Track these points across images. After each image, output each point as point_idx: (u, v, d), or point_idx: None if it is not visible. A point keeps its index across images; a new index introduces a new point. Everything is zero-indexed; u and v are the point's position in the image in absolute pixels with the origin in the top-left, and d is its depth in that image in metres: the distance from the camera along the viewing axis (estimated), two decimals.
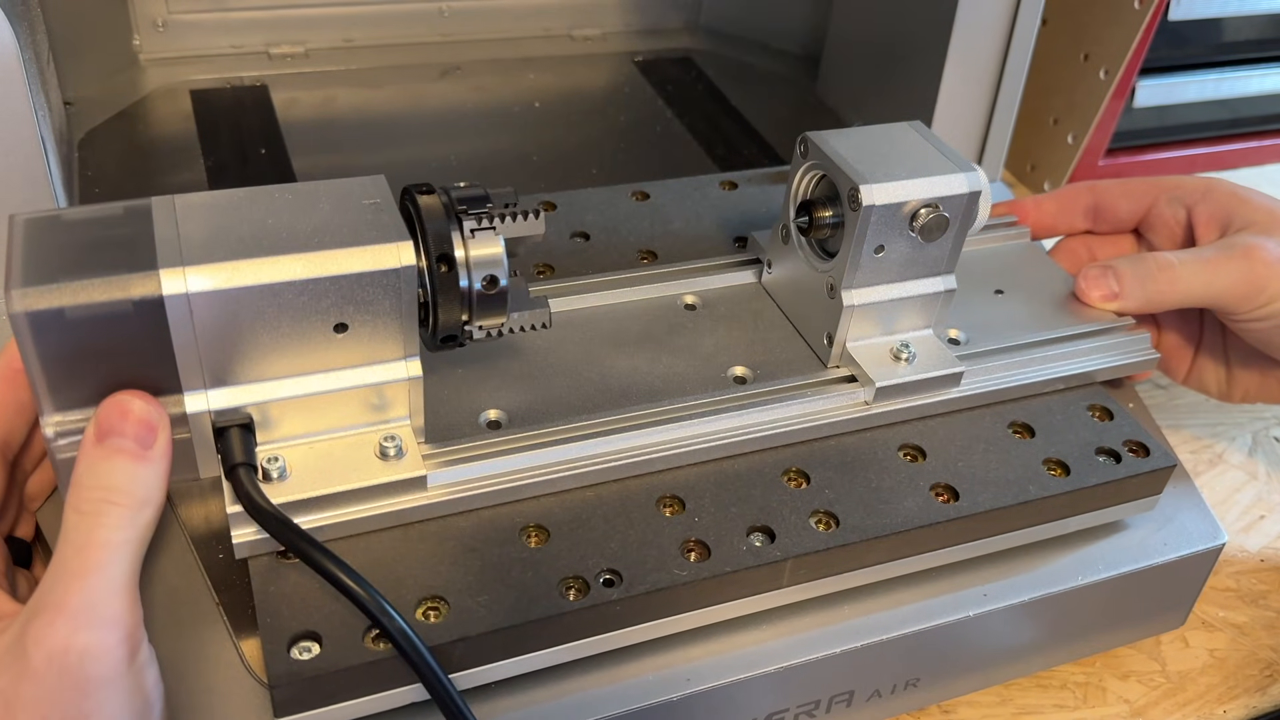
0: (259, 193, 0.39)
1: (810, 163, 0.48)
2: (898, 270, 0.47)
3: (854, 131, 0.48)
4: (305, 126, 0.73)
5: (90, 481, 0.34)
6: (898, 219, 0.45)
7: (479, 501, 0.41)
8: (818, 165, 0.47)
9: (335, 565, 0.35)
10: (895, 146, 0.47)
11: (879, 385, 0.46)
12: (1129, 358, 0.51)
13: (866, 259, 0.46)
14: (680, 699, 0.41)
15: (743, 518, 0.43)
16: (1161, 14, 0.84)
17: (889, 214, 0.45)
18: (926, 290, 0.48)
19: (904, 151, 0.46)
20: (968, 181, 0.45)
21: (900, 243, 0.46)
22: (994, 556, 0.47)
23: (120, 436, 0.35)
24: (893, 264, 0.46)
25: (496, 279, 0.40)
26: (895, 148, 0.47)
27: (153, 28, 0.76)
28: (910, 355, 0.47)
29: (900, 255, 0.46)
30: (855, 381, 0.47)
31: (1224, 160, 0.99)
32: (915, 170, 0.45)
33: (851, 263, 0.46)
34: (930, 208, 0.45)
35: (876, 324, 0.48)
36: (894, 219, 0.45)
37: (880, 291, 0.47)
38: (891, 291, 0.47)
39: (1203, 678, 0.54)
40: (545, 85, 0.81)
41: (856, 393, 0.47)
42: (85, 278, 0.34)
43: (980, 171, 0.46)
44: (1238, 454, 0.67)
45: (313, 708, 0.37)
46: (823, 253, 0.49)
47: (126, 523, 0.34)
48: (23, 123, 0.49)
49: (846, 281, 0.46)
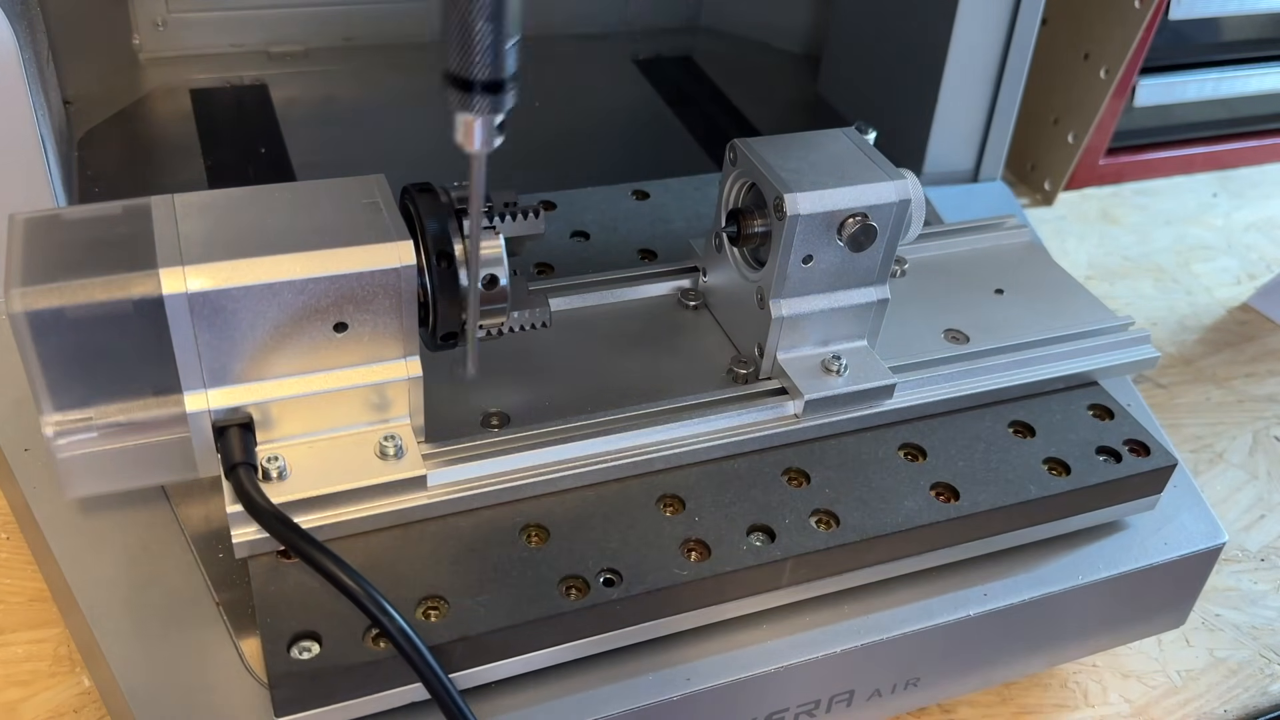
0: (258, 192, 0.39)
1: (739, 170, 0.47)
2: (828, 280, 0.46)
3: (784, 139, 0.47)
4: (305, 126, 0.73)
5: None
6: (825, 228, 0.44)
7: (479, 501, 0.41)
8: (746, 173, 0.47)
9: (335, 565, 0.35)
10: (825, 155, 0.46)
11: (808, 398, 0.46)
12: (1129, 357, 0.51)
13: (795, 269, 0.45)
14: (680, 699, 0.41)
15: (743, 517, 0.42)
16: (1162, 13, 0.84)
17: (816, 223, 0.44)
18: (858, 301, 0.47)
19: (833, 160, 0.46)
20: (896, 190, 0.45)
21: (829, 252, 0.45)
22: (994, 556, 0.47)
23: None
24: (822, 274, 0.46)
25: (496, 278, 0.40)
26: (825, 156, 0.46)
27: (152, 27, 0.76)
28: (842, 367, 0.47)
29: (830, 265, 0.46)
30: (785, 394, 0.46)
31: (1224, 160, 0.99)
32: (843, 179, 0.44)
33: (779, 273, 0.45)
34: (858, 217, 0.44)
35: (807, 335, 0.47)
36: (821, 228, 0.44)
37: (810, 302, 0.46)
38: (821, 302, 0.46)
39: (1203, 677, 0.54)
40: (545, 85, 0.81)
41: (787, 405, 0.46)
42: (85, 277, 0.34)
43: (911, 180, 0.45)
44: (1238, 454, 0.67)
45: (312, 707, 0.37)
46: (754, 262, 0.48)
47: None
48: (23, 122, 0.49)
49: (775, 292, 0.45)
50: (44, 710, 0.47)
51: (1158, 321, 0.80)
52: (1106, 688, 0.53)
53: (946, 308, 0.53)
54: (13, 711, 0.47)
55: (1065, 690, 0.53)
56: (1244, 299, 0.83)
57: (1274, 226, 0.92)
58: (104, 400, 0.37)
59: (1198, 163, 0.98)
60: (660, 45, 0.88)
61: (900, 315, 0.48)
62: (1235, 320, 0.81)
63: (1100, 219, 0.91)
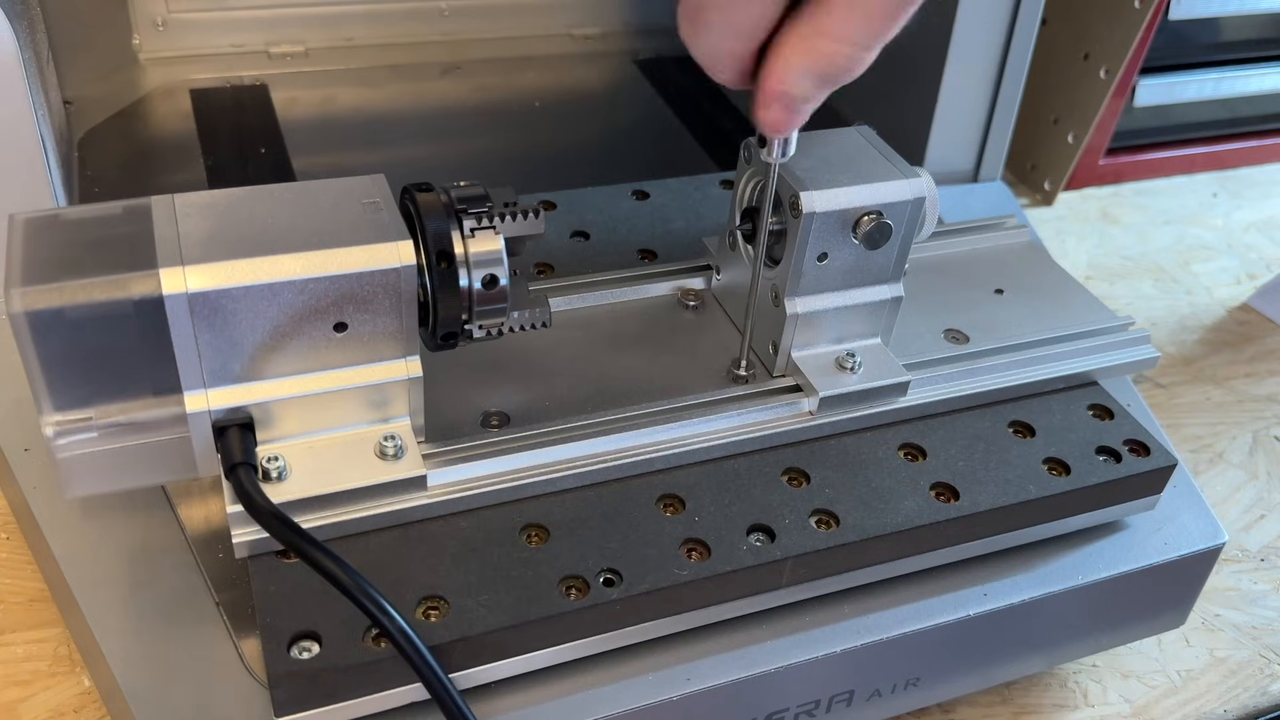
0: (259, 192, 0.39)
1: (753, 169, 0.47)
2: (842, 278, 0.46)
3: (799, 137, 0.47)
4: (305, 126, 0.73)
5: None
6: (840, 226, 0.44)
7: (479, 501, 0.41)
8: (761, 171, 0.47)
9: (335, 565, 0.35)
10: (839, 152, 0.46)
11: (823, 395, 0.46)
12: (1129, 358, 0.51)
13: (809, 267, 0.45)
14: (680, 699, 0.41)
15: (743, 517, 0.42)
16: (1162, 13, 0.84)
17: (831, 221, 0.44)
18: (872, 299, 0.47)
19: (848, 158, 0.46)
20: (911, 188, 0.45)
21: (844, 250, 0.45)
22: (994, 556, 0.47)
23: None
24: (837, 272, 0.46)
25: (496, 278, 0.40)
26: (839, 154, 0.46)
27: (152, 27, 0.76)
28: (856, 365, 0.47)
29: (844, 263, 0.46)
30: (800, 391, 0.47)
31: (1224, 160, 0.99)
32: (858, 177, 0.44)
33: (794, 271, 0.45)
34: (873, 215, 0.44)
35: (822, 333, 0.47)
36: (836, 226, 0.44)
37: (825, 300, 0.46)
38: (836, 300, 0.46)
39: (1203, 677, 0.54)
40: (545, 85, 0.81)
41: (801, 403, 0.46)
42: (85, 277, 0.34)
43: (926, 178, 0.45)
44: (1238, 454, 0.67)
45: (312, 707, 0.37)
46: (768, 260, 0.48)
47: None
48: (23, 122, 0.49)
49: (790, 290, 0.46)
50: (44, 710, 0.47)
51: (1158, 321, 0.80)
52: (1106, 688, 0.53)
53: (946, 308, 0.53)
54: (13, 711, 0.47)
55: (1065, 690, 0.53)
56: (1244, 299, 0.83)
57: (1274, 226, 0.92)
58: (104, 400, 0.37)
59: (1198, 163, 0.98)
60: (660, 45, 0.88)
61: (900, 315, 0.48)
62: (1235, 320, 0.81)
63: (1100, 219, 0.91)
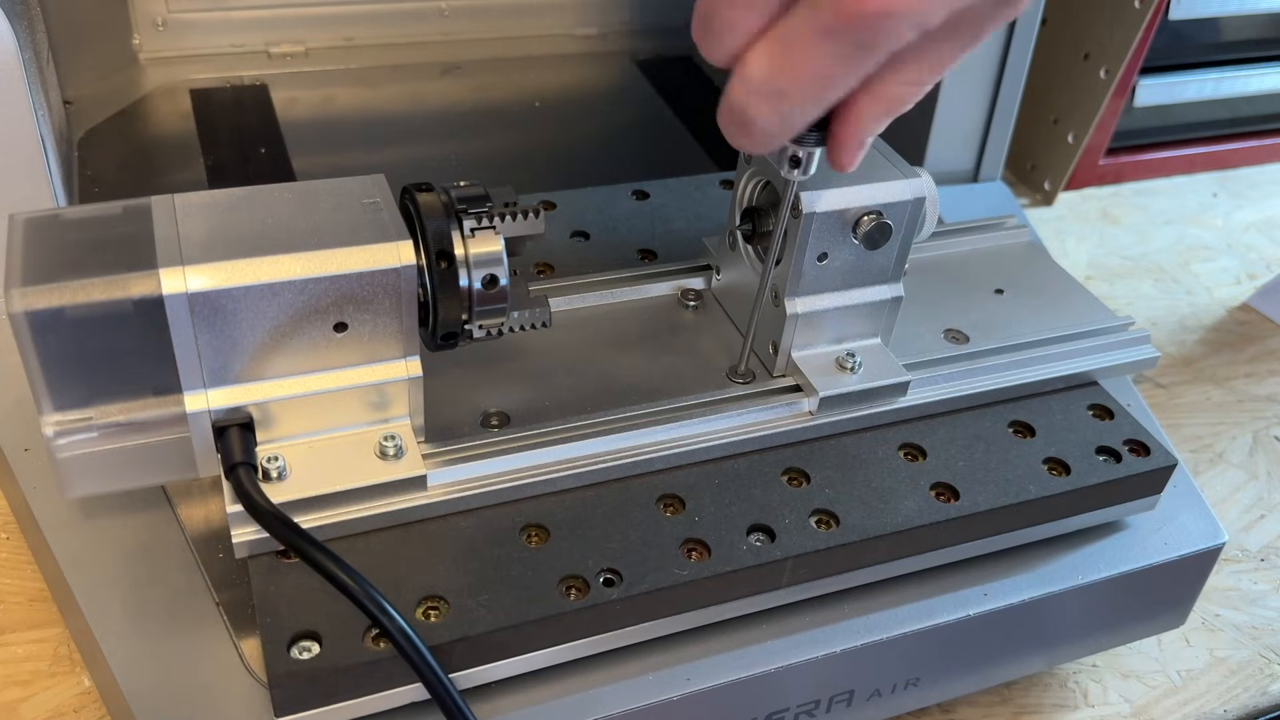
0: (258, 192, 0.39)
1: (754, 169, 0.47)
2: (842, 278, 0.46)
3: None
4: (305, 126, 0.73)
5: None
6: (841, 226, 0.44)
7: (479, 501, 0.41)
8: (761, 171, 0.47)
9: (335, 565, 0.35)
10: None
11: (823, 395, 0.46)
12: (1129, 357, 0.51)
13: (810, 267, 0.45)
14: (680, 699, 0.41)
15: (743, 517, 0.42)
16: (1162, 13, 0.84)
17: (831, 221, 0.44)
18: (872, 298, 0.47)
19: None
20: (911, 188, 0.45)
21: (844, 250, 0.45)
22: (994, 556, 0.47)
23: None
24: (837, 272, 0.46)
25: (496, 278, 0.40)
26: None
27: (152, 27, 0.76)
28: (856, 365, 0.47)
29: (845, 263, 0.46)
30: (800, 391, 0.47)
31: (1224, 160, 0.99)
32: (858, 177, 0.44)
33: (794, 270, 0.45)
34: (873, 215, 0.44)
35: (822, 333, 0.47)
36: (836, 226, 0.44)
37: (825, 300, 0.46)
38: (836, 300, 0.46)
39: (1203, 677, 0.54)
40: (545, 85, 0.81)
41: (801, 403, 0.46)
42: (85, 277, 0.34)
43: (926, 178, 0.45)
44: (1238, 454, 0.67)
45: (312, 707, 0.37)
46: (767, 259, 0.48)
47: None
48: (23, 122, 0.49)
49: (790, 290, 0.46)
50: (44, 710, 0.47)
51: (1158, 321, 0.80)
52: (1106, 688, 0.53)
53: (946, 308, 0.53)
54: (13, 711, 0.47)
55: (1065, 690, 0.53)
56: (1244, 299, 0.83)
57: (1274, 226, 0.92)
58: (104, 400, 0.37)
59: (1198, 163, 0.98)
60: (660, 45, 0.88)
61: (900, 315, 0.48)
62: (1235, 320, 0.81)
63: (1100, 219, 0.91)
